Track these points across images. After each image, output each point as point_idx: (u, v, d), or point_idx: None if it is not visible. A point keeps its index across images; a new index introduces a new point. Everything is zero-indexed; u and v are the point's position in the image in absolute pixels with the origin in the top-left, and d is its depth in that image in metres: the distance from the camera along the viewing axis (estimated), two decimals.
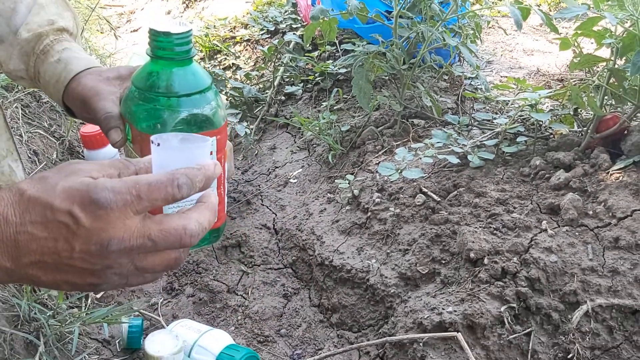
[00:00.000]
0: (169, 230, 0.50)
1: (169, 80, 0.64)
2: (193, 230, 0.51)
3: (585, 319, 1.08)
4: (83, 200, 0.47)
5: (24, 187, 0.49)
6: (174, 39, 0.62)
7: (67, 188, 0.48)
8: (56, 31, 0.86)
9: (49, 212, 0.48)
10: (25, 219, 0.48)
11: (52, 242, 0.48)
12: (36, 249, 0.49)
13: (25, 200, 0.48)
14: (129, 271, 0.51)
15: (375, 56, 1.62)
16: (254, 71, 2.30)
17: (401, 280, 1.26)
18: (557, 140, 1.44)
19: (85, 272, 0.50)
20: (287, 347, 1.29)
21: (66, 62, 0.81)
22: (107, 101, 0.73)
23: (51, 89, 0.82)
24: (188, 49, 0.64)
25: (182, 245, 0.51)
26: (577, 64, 1.35)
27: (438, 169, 1.48)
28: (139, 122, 0.65)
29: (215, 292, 1.42)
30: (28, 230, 0.48)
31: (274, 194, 1.75)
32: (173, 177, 0.50)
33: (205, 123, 0.65)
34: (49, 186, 0.49)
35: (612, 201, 1.20)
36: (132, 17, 3.56)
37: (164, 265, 0.52)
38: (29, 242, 0.48)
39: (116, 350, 1.25)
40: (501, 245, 1.18)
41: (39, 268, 0.50)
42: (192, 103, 0.64)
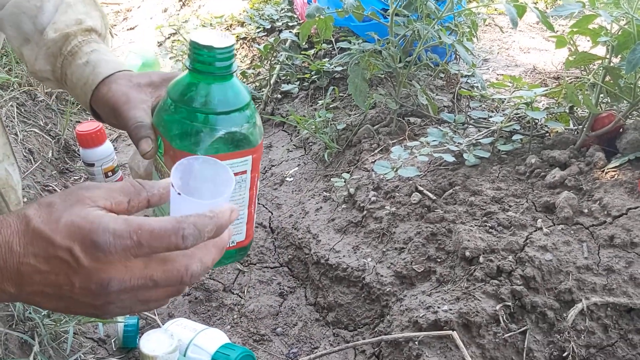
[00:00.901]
0: (171, 271, 0.50)
1: (208, 96, 0.61)
2: (195, 271, 0.50)
3: (580, 317, 1.08)
4: (84, 240, 0.47)
5: (31, 215, 0.49)
6: (216, 54, 0.59)
7: (69, 224, 0.48)
8: (84, 31, 0.82)
9: (51, 248, 0.48)
10: (29, 251, 0.48)
11: (53, 276, 0.49)
12: (39, 281, 0.49)
13: (30, 231, 0.48)
14: (132, 303, 0.51)
15: (371, 54, 1.62)
16: (250, 69, 2.30)
17: (397, 279, 1.26)
18: (553, 139, 1.44)
19: (86, 305, 0.50)
20: (283, 346, 1.29)
21: (94, 64, 0.78)
22: (138, 110, 0.70)
23: (78, 92, 0.79)
24: (229, 64, 0.61)
25: (182, 284, 0.51)
26: (572, 62, 1.35)
27: (434, 167, 1.48)
28: (173, 137, 0.63)
29: (211, 291, 1.42)
30: (31, 263, 0.48)
31: (270, 192, 1.74)
32: (179, 226, 0.48)
33: (242, 142, 0.63)
34: (53, 218, 0.48)
35: (608, 199, 1.20)
36: (128, 14, 3.55)
37: (166, 296, 0.53)
38: (31, 273, 0.49)
39: (112, 349, 1.25)
40: (496, 243, 1.18)
41: (41, 296, 0.50)
42: (230, 121, 0.61)
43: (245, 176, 0.64)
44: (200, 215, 0.49)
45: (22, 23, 0.83)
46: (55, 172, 1.77)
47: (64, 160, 1.89)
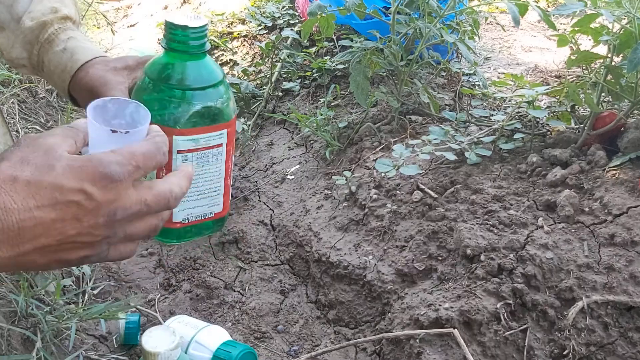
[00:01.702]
0: (159, 194, 0.53)
1: (184, 74, 0.65)
2: (177, 193, 0.55)
3: (580, 315, 1.08)
4: (94, 175, 0.48)
5: (12, 172, 0.48)
6: (189, 33, 0.63)
7: (69, 167, 0.48)
8: (60, 19, 0.84)
9: (58, 194, 0.47)
10: (30, 204, 0.47)
11: (60, 223, 0.48)
12: (42, 233, 0.48)
13: (23, 185, 0.47)
14: (119, 239, 0.52)
15: (373, 52, 1.62)
16: (252, 67, 2.30)
17: (398, 277, 1.26)
18: (554, 137, 1.44)
19: (84, 246, 0.51)
20: (284, 343, 1.29)
21: (72, 51, 0.80)
22: (117, 90, 0.73)
23: (56, 79, 0.81)
24: (203, 43, 0.64)
25: (169, 207, 0.54)
26: (574, 61, 1.35)
27: (435, 165, 1.48)
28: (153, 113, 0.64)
29: (213, 289, 1.43)
30: (34, 215, 0.47)
31: (271, 190, 1.75)
32: (157, 145, 0.53)
33: (217, 116, 0.66)
34: (45, 167, 0.48)
35: (608, 198, 1.20)
36: (129, 12, 3.55)
37: (146, 232, 0.54)
38: (34, 227, 0.47)
39: (113, 346, 1.25)
40: (498, 241, 1.18)
41: (39, 252, 0.49)
42: (205, 96, 0.65)
43: (221, 149, 0.68)
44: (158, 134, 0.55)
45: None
46: None
47: None
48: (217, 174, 0.69)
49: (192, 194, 0.68)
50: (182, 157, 0.65)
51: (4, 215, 0.46)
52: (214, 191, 0.70)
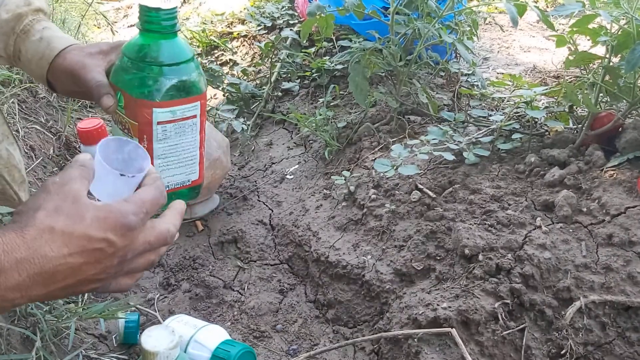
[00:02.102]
0: (160, 234, 0.61)
1: (159, 51, 0.71)
2: (173, 232, 0.63)
3: (578, 315, 1.08)
4: (115, 226, 0.55)
5: (49, 222, 0.54)
6: (162, 14, 0.70)
7: (96, 218, 0.55)
8: (34, 11, 0.90)
9: (87, 242, 0.54)
10: (64, 252, 0.53)
11: (85, 267, 0.55)
12: (69, 275, 0.55)
13: (59, 234, 0.54)
14: (120, 274, 0.60)
15: (372, 53, 1.62)
16: (251, 67, 2.30)
17: (396, 276, 1.27)
18: (552, 138, 1.45)
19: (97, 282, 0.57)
20: (283, 343, 1.30)
21: (48, 40, 0.86)
22: (95, 72, 0.78)
23: (34, 66, 0.86)
24: (174, 24, 0.71)
25: (166, 244, 0.62)
26: (572, 62, 1.35)
27: (434, 165, 1.49)
28: (134, 89, 0.72)
29: (212, 288, 1.43)
30: (67, 262, 0.54)
31: (270, 189, 1.75)
32: (160, 189, 0.61)
33: (192, 88, 0.73)
34: (76, 218, 0.55)
35: (606, 198, 1.21)
36: (129, 12, 3.55)
37: (144, 266, 0.61)
38: (65, 271, 0.54)
39: (113, 345, 1.25)
40: (496, 241, 1.19)
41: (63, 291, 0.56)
42: (181, 71, 0.72)
43: (196, 120, 0.75)
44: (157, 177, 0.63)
45: None
46: (56, 169, 1.78)
47: (64, 157, 1.89)
48: (193, 144, 0.76)
49: (172, 162, 0.76)
50: (162, 127, 0.73)
51: (43, 262, 0.53)
52: (190, 160, 0.77)
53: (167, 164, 0.76)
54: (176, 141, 0.75)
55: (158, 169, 0.74)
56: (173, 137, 0.74)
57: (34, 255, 0.53)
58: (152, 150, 0.74)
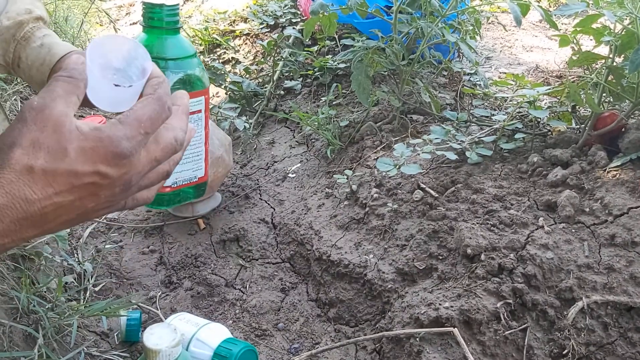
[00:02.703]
0: (166, 146, 0.55)
1: (164, 47, 0.74)
2: (181, 138, 0.57)
3: (580, 315, 1.08)
4: (106, 156, 0.50)
5: (27, 161, 0.48)
6: (165, 10, 0.72)
7: (80, 149, 0.49)
8: (34, 19, 0.91)
9: (74, 179, 0.49)
10: (49, 192, 0.49)
11: (79, 202, 0.51)
12: (63, 212, 0.51)
13: (40, 174, 0.48)
14: (133, 192, 0.56)
15: (375, 52, 1.62)
16: (254, 65, 2.30)
17: (398, 276, 1.27)
18: (555, 137, 1.44)
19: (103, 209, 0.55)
20: (285, 341, 1.30)
21: (49, 46, 0.87)
22: None
23: (34, 72, 0.88)
24: (177, 20, 0.74)
25: (176, 152, 0.57)
26: (575, 61, 1.35)
27: (436, 164, 1.49)
28: None
29: (214, 286, 1.43)
30: (54, 202, 0.50)
31: (272, 188, 1.75)
32: (162, 101, 0.55)
33: (197, 83, 0.75)
34: (58, 153, 0.49)
35: (609, 198, 1.21)
36: (131, 9, 3.55)
37: (159, 179, 0.58)
38: (56, 210, 0.50)
39: (114, 342, 1.25)
40: (498, 241, 1.19)
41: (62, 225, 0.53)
42: (185, 65, 0.74)
43: (201, 115, 0.76)
44: (159, 84, 0.56)
45: None
46: None
47: None
48: (199, 139, 0.78)
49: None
50: None
51: (26, 206, 0.49)
52: (197, 155, 0.78)
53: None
54: None
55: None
56: None
57: (13, 201, 0.48)
58: None
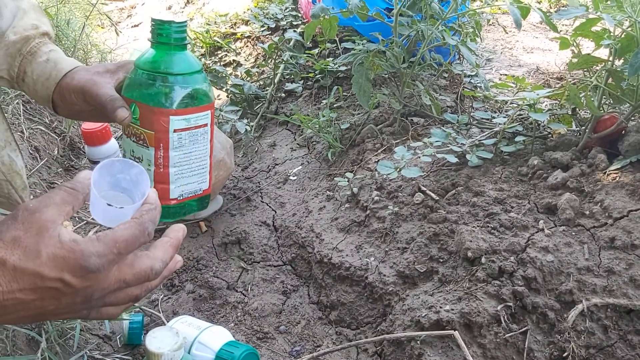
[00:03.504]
0: (139, 272, 0.57)
1: (173, 62, 0.75)
2: (158, 269, 0.58)
3: (580, 318, 1.09)
4: (73, 267, 0.52)
5: (2, 254, 0.51)
6: (174, 27, 0.74)
7: (52, 256, 0.52)
8: (41, 35, 0.92)
9: (39, 280, 0.52)
10: (13, 287, 0.51)
11: (39, 302, 0.53)
12: (22, 309, 0.53)
13: (10, 269, 0.51)
14: (97, 306, 0.57)
15: (375, 54, 1.63)
16: (255, 68, 2.31)
17: (399, 279, 1.27)
18: (555, 140, 1.45)
19: (62, 314, 0.56)
20: (286, 344, 1.30)
21: (55, 61, 0.88)
22: (107, 88, 0.80)
23: (39, 87, 0.88)
24: (184, 37, 0.76)
25: (148, 281, 0.58)
26: (576, 65, 1.36)
27: (437, 167, 1.49)
28: (151, 98, 0.75)
29: (215, 289, 1.44)
30: (16, 297, 0.52)
31: (273, 191, 1.76)
32: (143, 227, 0.56)
33: (204, 97, 0.77)
34: (32, 254, 0.52)
35: (609, 201, 1.21)
36: (132, 12, 3.56)
37: (126, 300, 0.59)
38: (16, 305, 0.52)
39: (117, 345, 1.26)
40: (498, 244, 1.19)
41: (18, 318, 0.54)
42: (193, 80, 0.76)
43: (207, 128, 0.79)
44: (149, 210, 0.58)
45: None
46: (60, 170, 1.79)
47: (69, 157, 1.90)
48: (204, 152, 0.80)
49: (186, 171, 0.79)
50: (177, 135, 0.75)
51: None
52: (202, 168, 0.80)
53: (182, 172, 0.78)
54: (190, 149, 0.78)
55: (173, 177, 0.77)
56: (187, 145, 0.77)
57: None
58: (168, 159, 0.76)
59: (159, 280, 0.61)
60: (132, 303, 0.60)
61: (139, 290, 0.59)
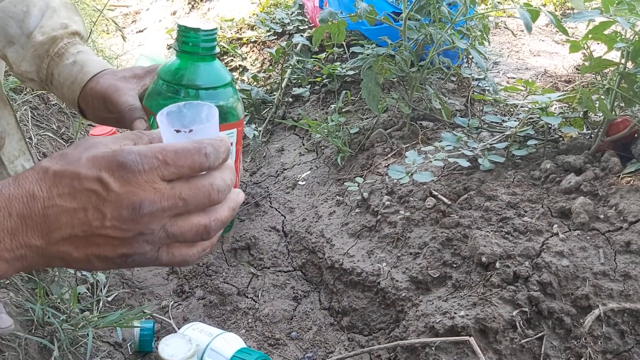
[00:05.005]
0: (197, 187, 0.49)
1: (197, 74, 0.68)
2: (220, 185, 0.50)
3: (597, 323, 1.08)
4: (111, 164, 0.47)
5: (47, 164, 0.49)
6: (201, 35, 0.67)
7: (92, 157, 0.48)
8: (70, 35, 0.88)
9: (77, 182, 0.47)
10: (53, 193, 0.47)
11: (82, 213, 0.48)
12: (66, 222, 0.48)
13: (51, 175, 0.48)
14: (161, 239, 0.50)
15: (384, 58, 1.62)
16: (261, 73, 2.31)
17: (412, 284, 1.26)
18: (567, 144, 1.44)
19: (116, 241, 0.49)
20: (298, 350, 1.29)
21: (82, 64, 0.84)
22: (128, 96, 0.76)
23: (65, 90, 0.84)
24: (213, 46, 0.68)
25: (211, 202, 0.50)
26: (588, 68, 1.35)
27: (448, 171, 1.48)
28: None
29: (226, 295, 1.43)
30: (57, 204, 0.47)
31: (282, 196, 1.75)
32: (200, 145, 0.49)
33: (229, 114, 0.70)
34: (73, 159, 0.48)
35: (623, 205, 1.20)
36: (137, 17, 3.57)
37: (193, 232, 0.50)
38: (58, 215, 0.48)
39: (128, 353, 1.25)
40: (513, 249, 1.18)
41: (70, 243, 0.49)
42: (218, 95, 0.69)
43: (232, 148, 0.69)
44: (214, 139, 0.51)
45: (8, 27, 0.87)
46: None
47: None
48: None
49: None
50: None
51: (31, 202, 0.48)
52: None
53: None
54: None
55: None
56: None
57: (21, 194, 0.48)
58: None
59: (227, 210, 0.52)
60: (202, 237, 0.51)
61: (206, 218, 0.51)
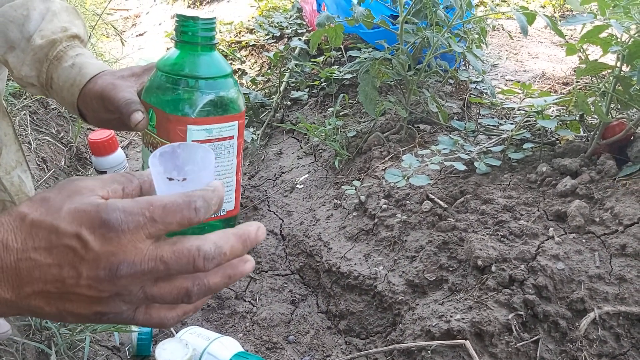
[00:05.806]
0: (181, 251, 0.45)
1: (196, 64, 0.66)
2: (207, 252, 0.45)
3: (592, 326, 1.08)
4: (92, 221, 0.44)
5: (25, 210, 0.46)
6: (200, 24, 0.65)
7: (73, 209, 0.44)
8: (69, 38, 0.87)
9: (54, 237, 0.44)
10: (28, 245, 0.44)
11: (56, 269, 0.44)
12: (39, 277, 0.45)
13: (28, 224, 0.45)
14: (139, 300, 0.47)
15: (381, 62, 1.63)
16: (260, 76, 2.31)
17: (409, 287, 1.27)
18: (563, 147, 1.44)
19: (91, 300, 0.46)
20: (296, 354, 1.30)
21: (80, 66, 0.83)
22: (126, 92, 0.75)
23: (65, 93, 0.83)
24: (212, 35, 0.66)
25: (195, 269, 0.46)
26: (583, 71, 1.35)
27: (444, 175, 1.49)
28: (167, 104, 0.67)
29: (223, 299, 1.43)
30: (31, 257, 0.44)
31: (280, 199, 1.75)
32: (190, 199, 0.46)
33: (230, 106, 0.67)
34: (53, 208, 0.45)
35: (619, 208, 1.20)
36: (137, 21, 3.57)
37: (173, 295, 0.47)
38: (31, 269, 0.45)
39: (126, 357, 1.26)
40: (508, 252, 1.18)
41: (42, 298, 0.46)
42: (218, 86, 0.67)
43: (233, 141, 0.68)
44: (204, 189, 0.47)
45: (8, 31, 0.86)
46: None
47: (76, 168, 1.90)
48: (229, 168, 0.69)
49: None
50: None
51: (4, 253, 0.45)
52: (226, 186, 0.68)
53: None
54: None
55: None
56: None
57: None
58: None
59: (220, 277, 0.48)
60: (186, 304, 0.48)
61: (189, 282, 0.47)
